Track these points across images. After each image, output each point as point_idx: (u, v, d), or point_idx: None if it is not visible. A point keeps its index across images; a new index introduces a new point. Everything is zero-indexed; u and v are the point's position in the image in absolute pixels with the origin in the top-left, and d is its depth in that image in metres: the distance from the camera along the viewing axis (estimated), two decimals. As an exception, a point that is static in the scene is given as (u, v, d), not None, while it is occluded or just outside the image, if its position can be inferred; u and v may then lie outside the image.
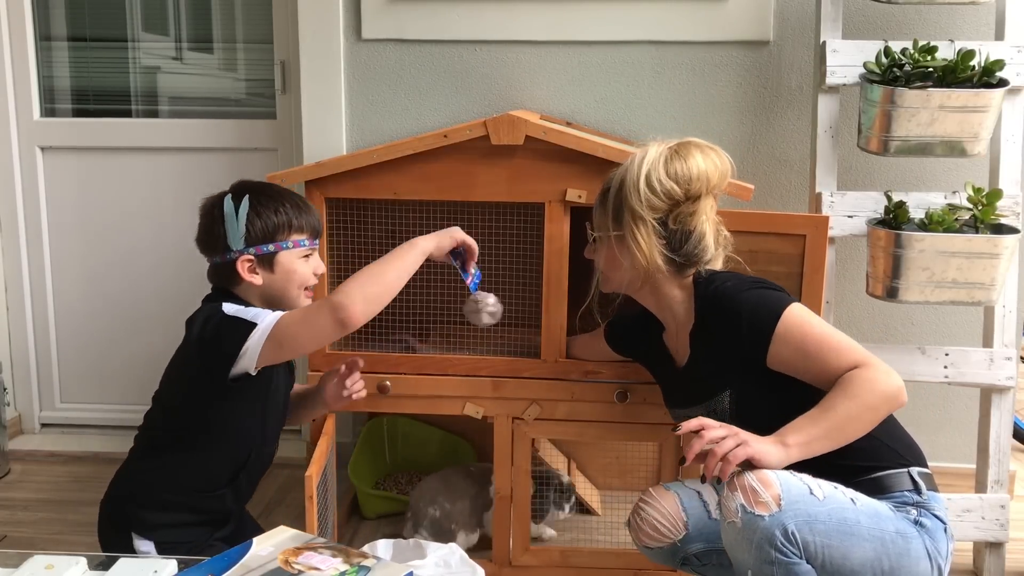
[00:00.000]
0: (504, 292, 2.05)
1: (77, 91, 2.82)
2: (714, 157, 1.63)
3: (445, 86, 2.45)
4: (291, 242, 1.71)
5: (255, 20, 2.72)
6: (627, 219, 1.61)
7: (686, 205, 1.61)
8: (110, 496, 1.76)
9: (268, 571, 1.25)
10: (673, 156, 1.61)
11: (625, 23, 2.37)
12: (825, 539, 1.40)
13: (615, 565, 2.05)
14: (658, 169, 1.59)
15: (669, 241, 1.62)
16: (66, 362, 2.88)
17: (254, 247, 1.68)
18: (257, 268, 1.69)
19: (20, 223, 2.79)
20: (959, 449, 2.47)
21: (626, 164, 1.64)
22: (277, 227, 1.70)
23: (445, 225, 1.79)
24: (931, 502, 1.50)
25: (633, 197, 1.60)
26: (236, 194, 1.70)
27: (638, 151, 1.64)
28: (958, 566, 2.18)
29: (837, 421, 1.44)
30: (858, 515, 1.43)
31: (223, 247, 1.68)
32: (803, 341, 1.50)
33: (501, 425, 1.99)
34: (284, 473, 2.59)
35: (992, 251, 1.94)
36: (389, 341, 2.07)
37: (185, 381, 1.71)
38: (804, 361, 1.51)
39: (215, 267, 1.72)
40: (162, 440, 1.73)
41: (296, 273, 1.72)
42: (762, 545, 1.39)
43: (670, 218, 1.61)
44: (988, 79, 1.95)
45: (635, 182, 1.60)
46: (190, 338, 1.65)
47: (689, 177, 1.60)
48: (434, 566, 1.68)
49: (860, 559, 1.42)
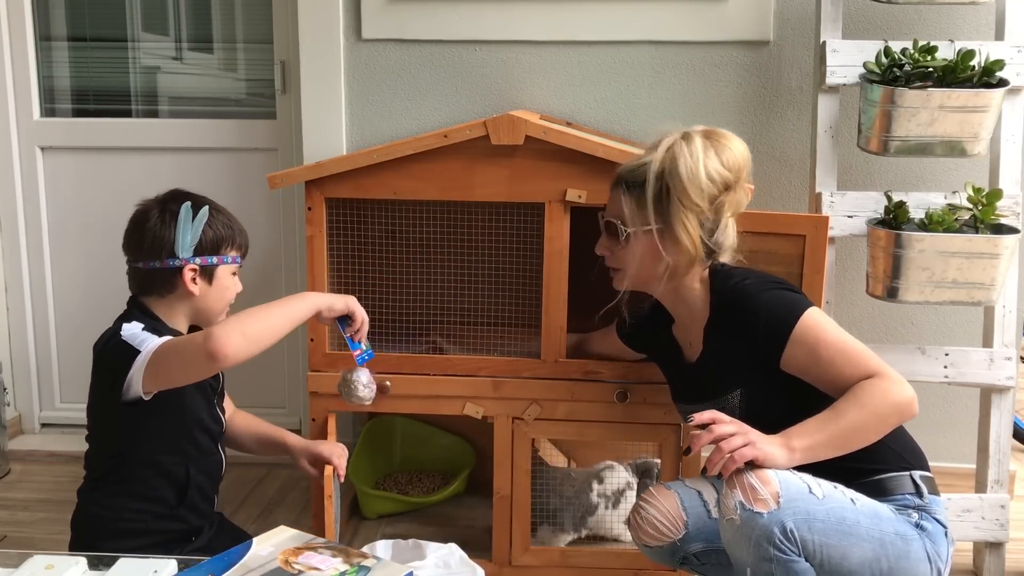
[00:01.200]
0: (504, 292, 2.06)
1: (77, 91, 2.82)
2: (743, 144, 1.63)
3: (445, 86, 2.45)
4: (230, 257, 1.70)
5: (255, 20, 2.72)
6: (676, 210, 1.57)
7: (728, 195, 1.59)
8: (73, 525, 1.71)
9: (268, 571, 1.25)
10: (718, 145, 1.59)
11: (625, 23, 2.37)
12: (824, 538, 1.40)
13: (615, 565, 2.05)
14: (712, 159, 1.56)
15: (706, 229, 1.60)
16: (66, 362, 2.88)
17: (200, 257, 1.65)
18: (198, 279, 1.67)
19: (20, 223, 2.79)
20: (959, 449, 2.47)
21: (663, 154, 1.58)
22: (223, 240, 1.68)
23: (445, 225, 1.79)
24: (932, 505, 1.50)
25: (691, 188, 1.55)
26: (195, 202, 1.66)
27: (670, 142, 1.59)
28: (958, 566, 2.18)
29: (845, 429, 1.45)
30: (858, 515, 1.44)
31: (167, 252, 1.64)
32: (817, 346, 1.50)
33: (501, 425, 1.99)
34: (284, 473, 2.59)
35: (992, 251, 1.94)
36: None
37: (93, 407, 1.68)
38: (817, 367, 1.50)
39: (149, 272, 1.66)
40: (98, 472, 1.69)
41: (228, 290, 1.71)
42: (760, 543, 1.39)
43: (710, 208, 1.58)
44: (988, 79, 1.95)
45: (692, 173, 1.55)
46: (93, 364, 1.64)
47: (739, 165, 1.59)
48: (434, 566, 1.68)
49: (859, 559, 1.42)
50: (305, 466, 1.82)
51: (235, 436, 1.87)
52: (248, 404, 2.00)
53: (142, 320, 1.63)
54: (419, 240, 2.17)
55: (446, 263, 2.13)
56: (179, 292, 1.66)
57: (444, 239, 2.12)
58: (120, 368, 1.56)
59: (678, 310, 1.71)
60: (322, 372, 2.03)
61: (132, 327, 1.60)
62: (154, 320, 1.65)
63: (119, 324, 1.63)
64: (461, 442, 2.50)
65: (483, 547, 2.10)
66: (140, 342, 1.56)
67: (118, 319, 1.66)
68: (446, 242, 2.13)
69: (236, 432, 1.87)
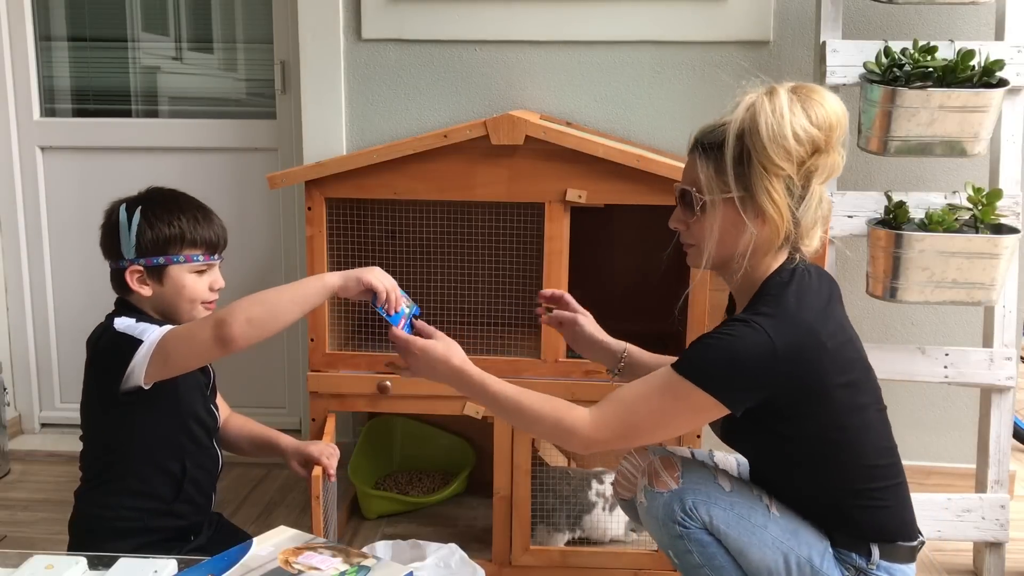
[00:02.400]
0: (504, 292, 2.06)
1: (77, 91, 2.82)
2: (838, 100, 1.42)
3: (445, 86, 2.45)
4: (183, 256, 1.67)
5: (255, 20, 2.72)
6: (759, 175, 1.36)
7: (818, 158, 1.39)
8: (71, 528, 1.71)
9: (268, 571, 1.25)
10: (806, 100, 1.38)
11: (625, 23, 2.37)
12: (724, 526, 1.41)
13: (615, 565, 2.05)
14: (798, 115, 1.36)
15: (796, 198, 1.39)
16: (66, 362, 2.88)
17: (144, 258, 1.64)
18: (147, 279, 1.65)
19: (20, 223, 2.79)
20: (959, 449, 2.47)
21: (743, 113, 1.39)
22: (169, 239, 1.66)
23: (445, 225, 1.79)
24: (878, 572, 1.43)
25: (773, 148, 1.35)
26: (132, 203, 1.66)
27: (752, 99, 1.40)
28: (958, 566, 2.18)
29: (511, 400, 1.45)
30: (769, 522, 1.42)
31: (117, 255, 1.66)
32: (648, 381, 1.40)
33: (501, 425, 1.99)
34: (284, 473, 2.59)
35: (992, 251, 1.94)
36: None
37: (88, 405, 1.69)
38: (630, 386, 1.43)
39: (112, 275, 1.68)
40: (93, 470, 1.70)
41: (186, 288, 1.68)
42: (666, 521, 1.43)
43: (799, 173, 1.38)
44: (988, 79, 1.95)
45: (776, 131, 1.35)
46: (88, 359, 1.64)
47: (830, 123, 1.38)
48: (434, 567, 1.68)
49: (758, 562, 1.41)
50: (296, 467, 1.81)
51: (230, 439, 1.87)
52: (248, 404, 2.00)
53: (131, 315, 1.63)
54: (419, 240, 2.18)
55: (446, 263, 2.13)
56: (134, 293, 1.66)
57: (444, 239, 2.13)
58: (121, 357, 1.56)
59: (740, 300, 1.50)
60: (322, 372, 2.03)
61: (124, 320, 1.61)
62: (141, 315, 1.65)
63: (110, 320, 1.63)
64: (461, 442, 2.50)
65: (483, 547, 2.11)
66: (140, 332, 1.57)
67: (107, 316, 1.67)
68: (446, 242, 2.13)
69: (231, 434, 1.87)
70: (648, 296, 2.12)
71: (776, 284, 1.41)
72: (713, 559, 1.43)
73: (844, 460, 1.41)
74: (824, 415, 1.39)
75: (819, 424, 1.39)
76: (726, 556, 1.43)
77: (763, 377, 1.34)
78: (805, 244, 1.43)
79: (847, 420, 1.40)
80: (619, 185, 1.90)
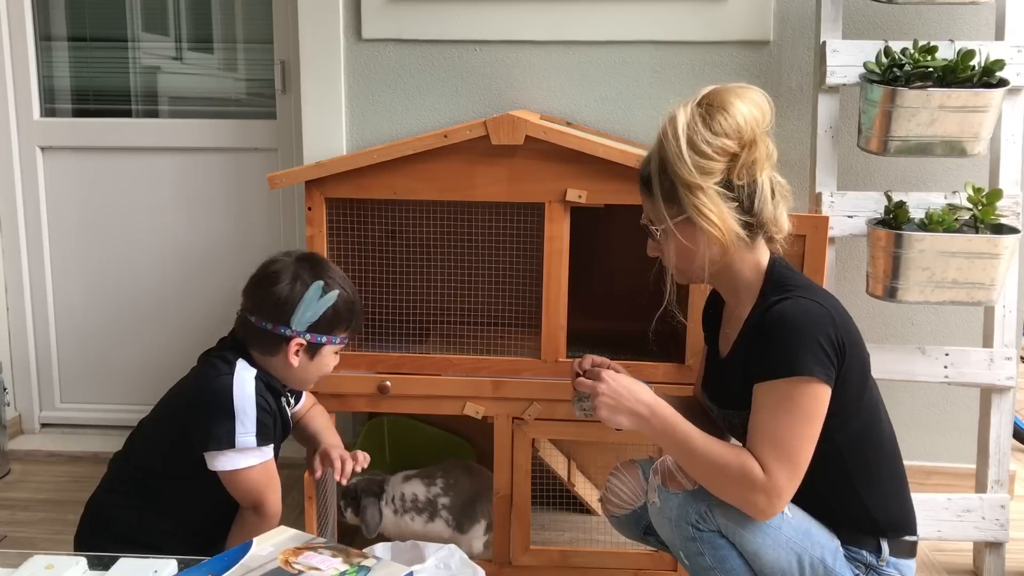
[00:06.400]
0: (504, 292, 2.06)
1: (77, 91, 2.82)
2: (753, 96, 1.44)
3: (445, 86, 2.45)
4: (339, 338, 1.69)
5: (255, 20, 2.72)
6: (684, 197, 1.41)
7: (746, 154, 1.41)
8: (90, 527, 1.70)
9: (268, 571, 1.25)
10: (709, 111, 1.41)
11: (625, 23, 2.37)
12: (738, 527, 1.41)
13: (615, 565, 2.05)
14: (699, 131, 1.39)
15: (740, 202, 1.43)
16: (66, 362, 2.88)
17: (311, 334, 1.64)
18: (303, 353, 1.65)
19: (20, 223, 2.79)
20: (959, 449, 2.47)
21: (655, 143, 1.46)
22: (340, 322, 1.67)
23: (445, 225, 1.78)
24: (888, 568, 1.45)
25: (682, 169, 1.39)
26: (327, 282, 1.64)
27: (663, 122, 1.45)
28: (958, 566, 2.18)
29: (695, 458, 1.41)
30: (783, 522, 1.42)
31: (283, 321, 1.62)
32: (776, 409, 1.38)
33: (501, 425, 1.99)
34: (283, 473, 2.56)
35: (992, 251, 1.94)
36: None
37: (158, 431, 1.68)
38: (756, 415, 1.40)
39: (260, 330, 1.64)
40: (129, 482, 1.67)
41: (328, 367, 1.70)
42: (679, 523, 1.44)
43: (734, 174, 1.41)
44: (988, 79, 1.95)
45: (678, 154, 1.39)
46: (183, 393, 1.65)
47: (738, 128, 1.40)
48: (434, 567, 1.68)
49: (772, 562, 1.41)
50: (314, 463, 1.83)
51: (296, 429, 1.89)
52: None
53: (254, 367, 1.64)
54: (419, 240, 2.18)
55: (446, 263, 2.13)
56: (279, 358, 1.65)
57: (444, 239, 2.12)
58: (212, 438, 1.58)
59: (728, 298, 1.58)
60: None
61: (245, 378, 1.61)
62: (258, 370, 1.64)
63: (234, 360, 1.62)
64: (461, 442, 2.50)
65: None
66: (244, 427, 1.58)
67: (231, 348, 1.66)
68: (446, 242, 2.13)
69: (298, 427, 1.89)
70: (648, 296, 2.12)
71: (780, 272, 1.49)
72: (725, 561, 1.43)
73: (861, 445, 1.45)
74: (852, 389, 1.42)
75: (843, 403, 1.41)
76: (738, 559, 1.43)
77: (837, 340, 1.39)
78: (775, 231, 1.48)
79: (863, 396, 1.45)
80: (619, 185, 1.90)
